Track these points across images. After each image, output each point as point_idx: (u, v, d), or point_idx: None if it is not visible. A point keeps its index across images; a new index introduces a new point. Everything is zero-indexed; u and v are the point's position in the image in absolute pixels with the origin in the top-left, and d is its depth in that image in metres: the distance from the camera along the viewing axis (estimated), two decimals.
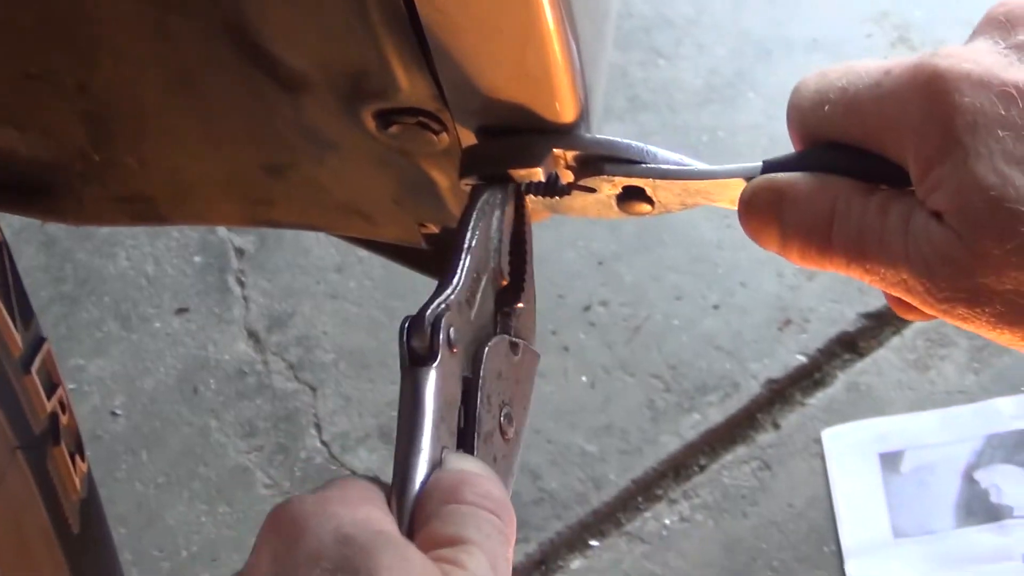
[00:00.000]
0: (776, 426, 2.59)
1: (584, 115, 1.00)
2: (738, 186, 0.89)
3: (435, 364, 0.81)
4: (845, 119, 0.82)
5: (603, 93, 1.17)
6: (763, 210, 0.86)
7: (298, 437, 2.77)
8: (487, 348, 0.87)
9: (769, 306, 2.73)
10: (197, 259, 3.08)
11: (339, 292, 2.97)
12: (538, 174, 0.96)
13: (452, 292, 0.87)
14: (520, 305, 0.94)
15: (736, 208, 0.89)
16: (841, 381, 2.62)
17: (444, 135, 1.07)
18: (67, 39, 1.14)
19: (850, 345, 2.66)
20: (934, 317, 0.80)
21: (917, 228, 0.76)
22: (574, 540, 2.54)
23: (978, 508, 2.38)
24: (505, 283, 0.95)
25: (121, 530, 2.63)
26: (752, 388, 2.65)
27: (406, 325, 0.84)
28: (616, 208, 0.98)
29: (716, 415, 2.63)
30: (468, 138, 1.05)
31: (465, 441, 0.83)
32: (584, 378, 2.71)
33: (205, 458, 2.77)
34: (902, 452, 2.48)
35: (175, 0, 1.06)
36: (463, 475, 0.78)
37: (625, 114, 3.15)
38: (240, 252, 3.06)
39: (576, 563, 2.50)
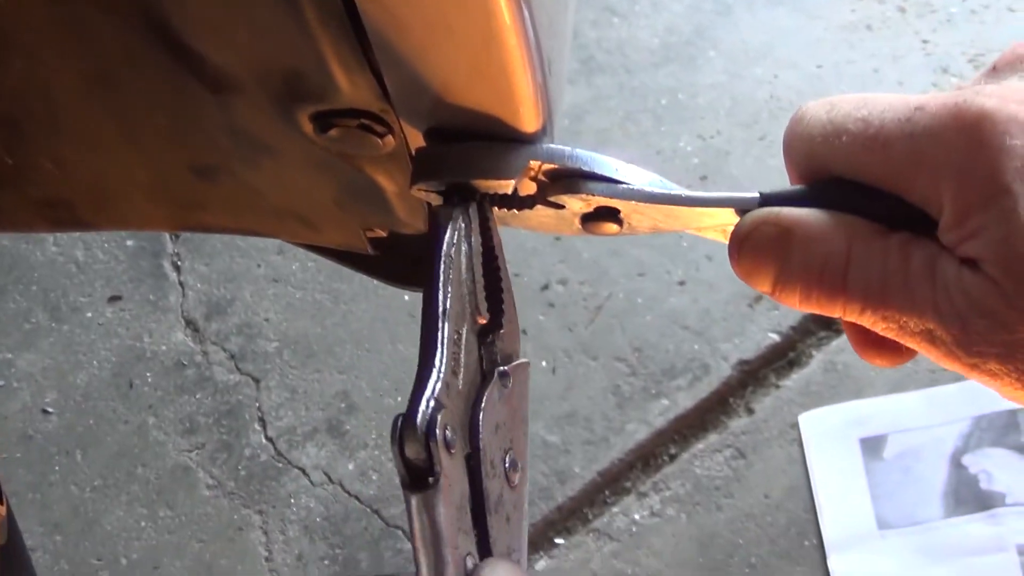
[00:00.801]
0: (750, 411, 2.47)
1: (549, 120, 0.90)
2: (726, 215, 0.83)
3: (439, 483, 0.73)
4: (866, 154, 0.76)
5: (565, 93, 1.06)
6: (764, 248, 0.79)
7: (241, 433, 2.63)
8: (480, 414, 0.80)
9: (738, 281, 2.54)
10: (130, 243, 2.94)
11: (281, 275, 2.84)
12: (508, 186, 0.87)
13: (438, 379, 0.77)
14: (503, 330, 0.86)
15: (727, 240, 0.83)
16: (817, 361, 2.50)
17: (389, 138, 0.97)
18: None
19: (825, 321, 2.52)
20: (904, 360, 0.79)
21: (947, 276, 0.71)
22: (538, 539, 2.41)
23: (967, 496, 2.25)
24: (485, 320, 0.86)
25: (56, 538, 2.52)
26: (723, 370, 2.52)
27: (397, 434, 0.74)
28: (578, 226, 0.89)
29: (685, 400, 2.50)
30: (417, 140, 0.94)
31: (478, 523, 0.78)
32: (544, 363, 2.57)
33: (143, 458, 2.63)
34: (884, 436, 2.36)
35: None
36: None
37: (579, 77, 3.02)
38: (175, 234, 2.91)
39: (541, 563, 2.38)
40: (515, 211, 0.89)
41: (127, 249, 2.93)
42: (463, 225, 0.84)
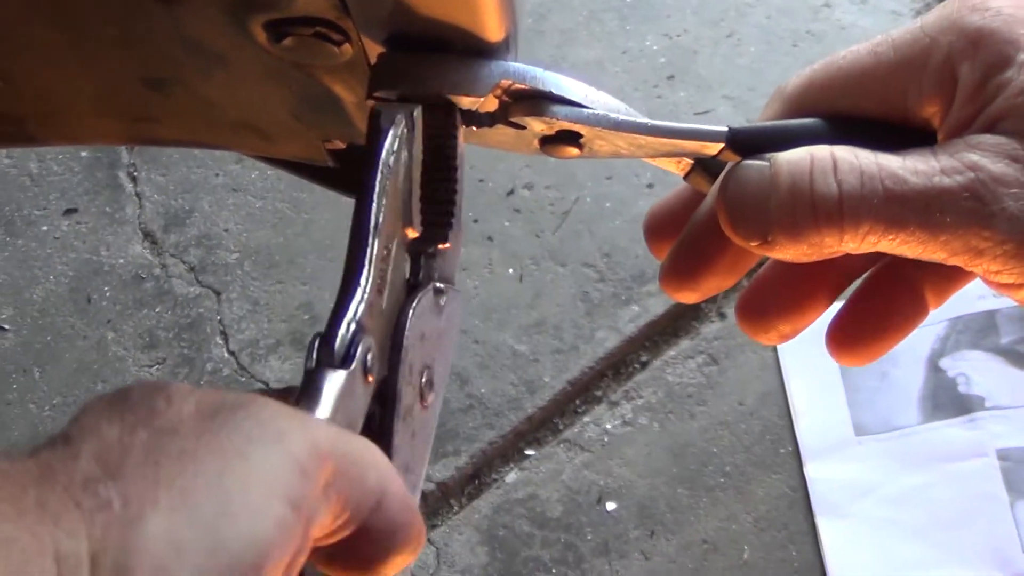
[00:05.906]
0: (722, 315, 2.42)
1: (514, 27, 0.87)
2: (690, 147, 0.82)
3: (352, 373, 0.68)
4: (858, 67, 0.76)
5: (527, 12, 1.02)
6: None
7: (203, 347, 2.58)
8: (410, 314, 0.75)
9: None
10: (84, 154, 2.88)
11: (240, 184, 2.78)
12: (475, 103, 0.84)
13: (362, 299, 0.71)
14: (447, 246, 0.82)
15: (680, 172, 0.85)
16: None
17: (347, 46, 0.93)
18: None
19: None
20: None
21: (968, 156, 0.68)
22: (508, 450, 2.36)
23: (945, 400, 2.21)
24: (417, 233, 0.81)
25: None
26: None
27: (314, 357, 0.68)
28: (537, 146, 0.87)
29: (656, 306, 2.45)
30: (376, 49, 0.90)
31: (384, 426, 0.72)
32: (511, 270, 2.52)
33: (103, 374, 2.58)
34: None
35: None
36: None
37: None
38: (131, 146, 2.85)
39: (512, 475, 2.33)
40: (473, 128, 0.87)
41: (82, 160, 2.87)
42: (405, 131, 0.80)
